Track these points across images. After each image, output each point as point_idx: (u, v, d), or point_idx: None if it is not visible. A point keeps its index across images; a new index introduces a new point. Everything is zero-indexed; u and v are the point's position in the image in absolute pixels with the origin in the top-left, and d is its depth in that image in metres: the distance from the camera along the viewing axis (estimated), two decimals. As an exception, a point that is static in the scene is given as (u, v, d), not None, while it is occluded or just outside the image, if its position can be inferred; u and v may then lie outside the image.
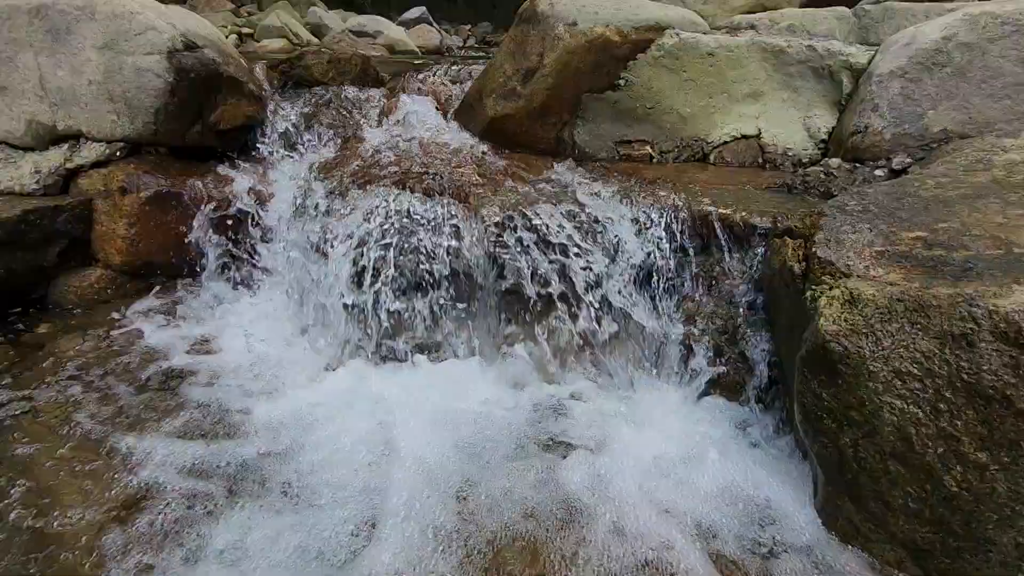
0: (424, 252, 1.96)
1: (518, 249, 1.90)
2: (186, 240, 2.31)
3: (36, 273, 2.24)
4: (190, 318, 2.20)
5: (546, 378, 1.93)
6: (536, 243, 1.91)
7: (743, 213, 1.84)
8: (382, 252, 1.95)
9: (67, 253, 2.31)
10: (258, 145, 2.61)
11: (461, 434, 1.68)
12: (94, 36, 2.30)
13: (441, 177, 2.18)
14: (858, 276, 1.28)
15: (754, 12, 3.48)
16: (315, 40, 5.95)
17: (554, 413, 1.79)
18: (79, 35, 2.31)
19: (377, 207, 2.02)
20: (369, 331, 1.98)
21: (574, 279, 1.88)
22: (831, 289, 1.29)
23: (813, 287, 1.34)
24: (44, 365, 1.94)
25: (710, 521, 1.42)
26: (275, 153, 2.58)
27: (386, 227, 1.98)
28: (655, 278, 1.89)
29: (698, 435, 1.68)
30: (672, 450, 1.62)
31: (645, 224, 1.91)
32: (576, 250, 1.88)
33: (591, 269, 1.88)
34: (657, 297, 1.88)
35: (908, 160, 2.06)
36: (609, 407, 1.81)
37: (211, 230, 2.32)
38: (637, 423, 1.73)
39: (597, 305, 1.88)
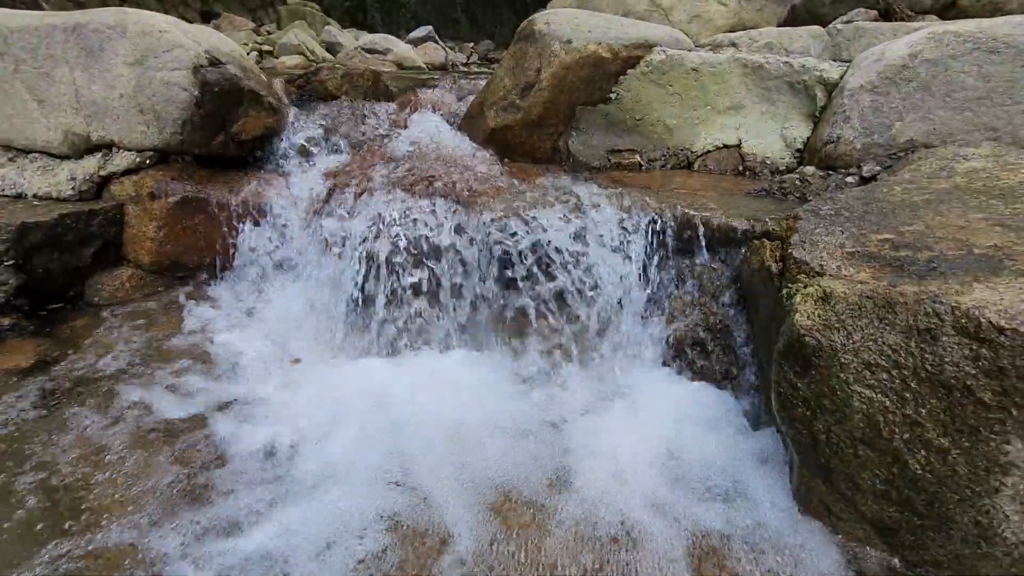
0: (430, 251, 1.96)
1: (516, 248, 1.90)
2: (209, 241, 2.31)
3: (72, 273, 2.24)
4: (211, 315, 2.19)
5: (540, 370, 1.92)
6: (531, 243, 1.90)
7: (724, 217, 1.83)
8: (390, 251, 1.95)
9: (100, 254, 2.31)
10: (277, 153, 2.61)
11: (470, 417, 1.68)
12: (125, 53, 2.29)
13: (446, 183, 2.17)
14: (831, 275, 1.28)
15: (735, 31, 3.47)
16: (330, 57, 5.92)
17: (549, 401, 1.79)
18: (111, 52, 2.30)
19: (387, 210, 2.02)
20: (379, 325, 1.98)
21: (568, 276, 1.87)
22: (806, 287, 1.28)
23: (789, 285, 1.34)
24: (80, 357, 1.94)
25: (691, 500, 1.41)
26: (293, 161, 2.57)
27: (395, 228, 1.98)
28: (643, 276, 1.88)
29: (681, 422, 1.67)
30: (656, 436, 1.62)
31: (634, 226, 1.90)
32: (569, 249, 1.87)
33: (583, 267, 1.87)
34: (645, 294, 1.88)
35: (877, 168, 2.05)
36: (599, 394, 1.81)
37: (233, 232, 2.31)
38: (625, 410, 1.73)
39: (589, 300, 1.87)
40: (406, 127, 2.84)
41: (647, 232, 1.89)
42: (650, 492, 1.44)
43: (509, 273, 1.93)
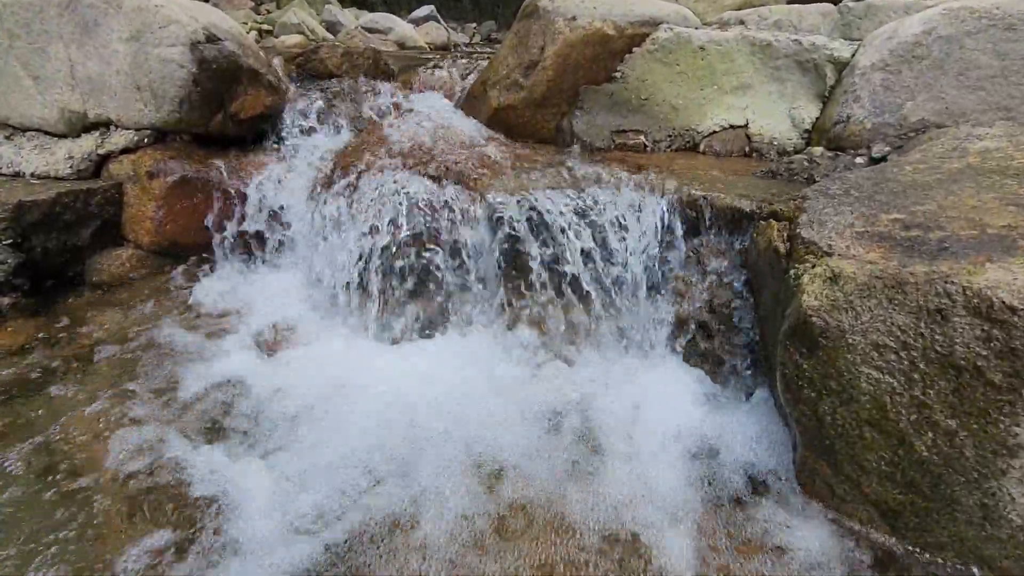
0: (432, 232, 1.94)
1: (519, 229, 1.87)
2: (209, 222, 2.29)
3: (71, 252, 2.22)
4: (211, 294, 2.18)
5: (542, 350, 1.91)
6: (536, 224, 1.87)
7: (731, 197, 1.80)
8: (392, 231, 1.92)
9: (99, 234, 2.29)
10: (277, 133, 2.57)
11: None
12: (121, 28, 2.25)
13: (448, 163, 2.14)
14: (839, 255, 1.25)
15: (743, 9, 3.39)
16: (330, 36, 5.83)
17: (553, 378, 1.78)
18: (107, 27, 2.26)
19: (389, 190, 1.99)
20: (378, 307, 1.96)
21: (571, 257, 1.85)
22: (814, 267, 1.26)
23: (796, 265, 1.32)
24: (80, 335, 1.93)
25: (694, 480, 1.41)
26: (292, 140, 2.54)
27: (397, 209, 1.95)
28: (648, 257, 1.86)
29: (685, 404, 1.66)
30: (658, 419, 1.61)
31: (639, 207, 1.87)
32: (573, 230, 1.85)
33: (587, 248, 1.85)
34: (650, 275, 1.86)
35: (887, 148, 2.01)
36: (602, 378, 1.80)
37: (232, 213, 2.29)
38: (629, 394, 1.72)
39: (592, 282, 1.85)
40: (407, 107, 2.80)
41: (652, 213, 1.86)
42: (647, 469, 1.43)
43: (511, 251, 1.91)
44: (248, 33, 4.71)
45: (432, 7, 7.73)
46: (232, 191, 2.30)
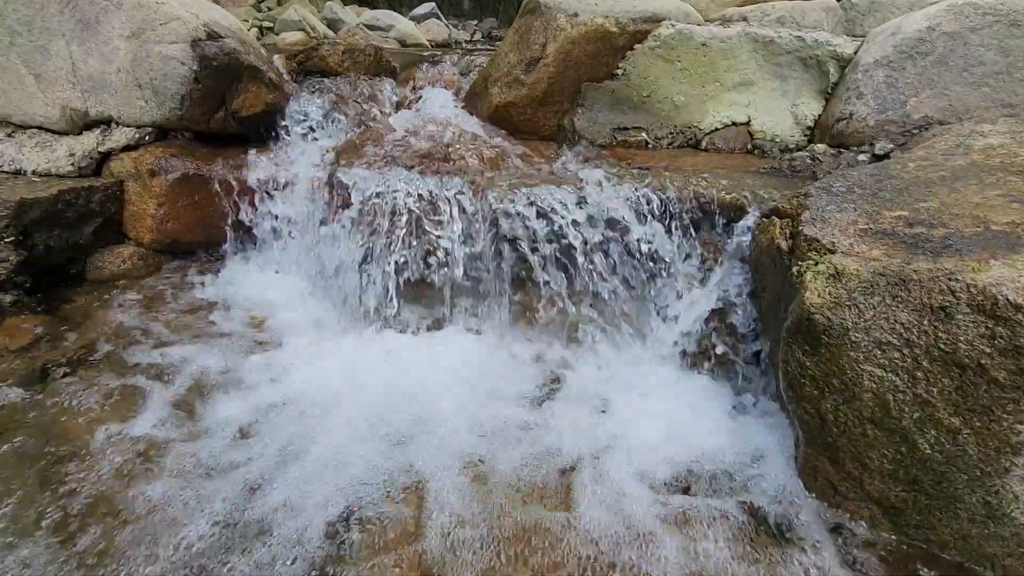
0: (432, 229, 1.93)
1: (520, 227, 1.87)
2: (211, 219, 2.29)
3: (73, 250, 2.22)
4: (211, 292, 2.18)
5: (540, 350, 1.91)
6: (536, 221, 1.87)
7: (733, 195, 1.80)
8: (394, 229, 1.92)
9: (101, 231, 2.29)
10: (278, 130, 2.56)
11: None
12: (121, 25, 2.25)
13: (449, 160, 2.14)
14: (842, 252, 1.25)
15: (745, 5, 3.38)
16: (331, 33, 5.80)
17: (553, 383, 1.78)
18: (107, 24, 2.25)
19: (391, 187, 1.99)
20: (382, 303, 1.96)
21: (573, 256, 1.85)
22: (816, 264, 1.26)
23: (799, 263, 1.31)
24: (82, 333, 1.93)
25: (696, 477, 1.41)
26: (294, 138, 2.53)
27: (399, 206, 1.95)
28: (647, 255, 1.86)
29: (688, 402, 1.66)
30: (662, 416, 1.61)
31: (640, 204, 1.87)
32: (573, 228, 1.84)
33: (588, 246, 1.84)
34: (649, 272, 1.85)
35: (890, 145, 2.00)
36: (605, 376, 1.80)
37: (234, 210, 2.29)
38: (633, 391, 1.72)
39: (595, 279, 1.85)
40: (408, 103, 2.79)
41: (654, 210, 1.85)
42: (649, 466, 1.43)
43: (512, 250, 1.90)
44: (249, 30, 4.70)
45: (433, 4, 7.70)
46: (234, 189, 2.29)
